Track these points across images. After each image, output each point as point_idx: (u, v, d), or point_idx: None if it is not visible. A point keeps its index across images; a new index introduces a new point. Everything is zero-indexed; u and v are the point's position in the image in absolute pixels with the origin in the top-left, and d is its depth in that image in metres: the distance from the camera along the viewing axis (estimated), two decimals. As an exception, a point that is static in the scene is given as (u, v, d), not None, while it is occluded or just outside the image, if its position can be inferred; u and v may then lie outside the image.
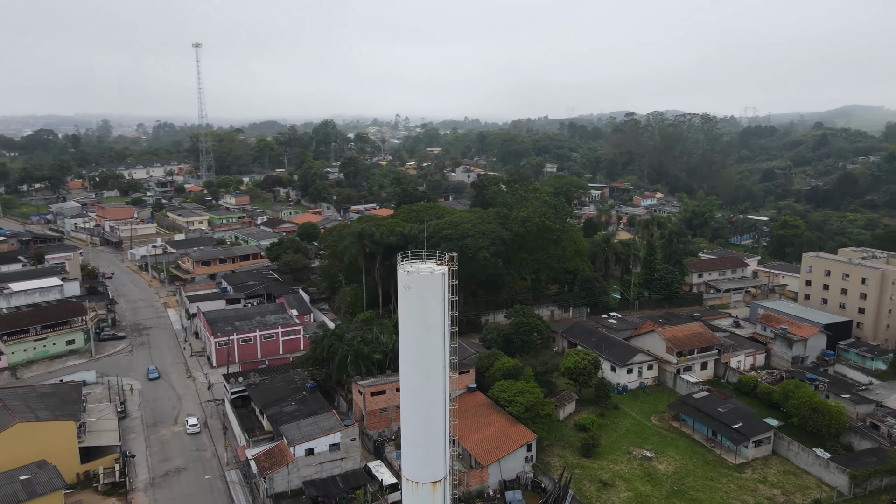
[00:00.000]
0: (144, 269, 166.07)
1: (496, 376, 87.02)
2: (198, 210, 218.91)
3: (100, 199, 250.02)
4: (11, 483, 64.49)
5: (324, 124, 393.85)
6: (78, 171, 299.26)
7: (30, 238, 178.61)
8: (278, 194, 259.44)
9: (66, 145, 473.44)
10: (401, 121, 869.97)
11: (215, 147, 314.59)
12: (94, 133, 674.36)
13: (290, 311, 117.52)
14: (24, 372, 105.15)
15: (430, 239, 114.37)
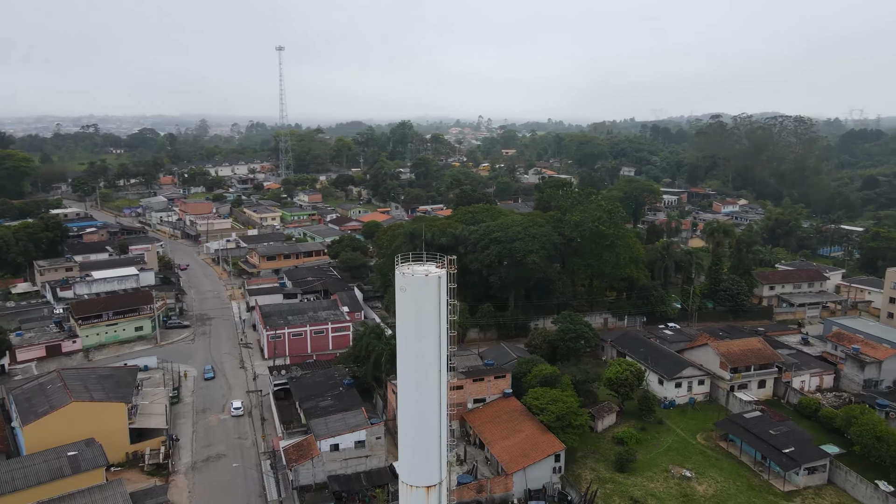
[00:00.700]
0: (217, 263, 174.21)
1: (532, 383, 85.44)
2: (272, 207, 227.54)
3: (186, 195, 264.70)
4: (59, 458, 69.22)
5: (401, 125, 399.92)
6: (170, 167, 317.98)
7: (118, 229, 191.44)
8: (350, 193, 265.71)
9: (164, 143, 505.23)
10: (483, 122, 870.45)
11: (295, 146, 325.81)
12: (192, 132, 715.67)
13: (342, 308, 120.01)
14: (95, 354, 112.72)
15: (479, 241, 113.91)
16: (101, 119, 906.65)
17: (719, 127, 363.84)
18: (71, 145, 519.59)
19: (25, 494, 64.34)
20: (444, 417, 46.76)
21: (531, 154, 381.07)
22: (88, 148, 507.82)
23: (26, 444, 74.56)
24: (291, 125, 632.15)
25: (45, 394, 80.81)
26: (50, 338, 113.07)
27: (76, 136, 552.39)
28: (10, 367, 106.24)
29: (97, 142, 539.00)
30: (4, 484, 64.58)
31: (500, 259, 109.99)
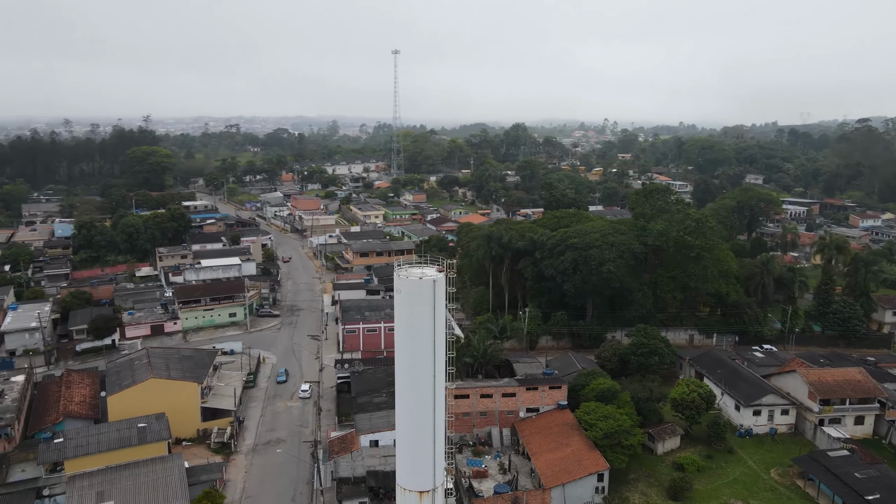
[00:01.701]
0: (317, 257, 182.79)
1: (589, 396, 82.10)
2: (377, 205, 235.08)
3: (301, 192, 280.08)
4: (130, 428, 75.84)
5: (514, 127, 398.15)
6: (292, 165, 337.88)
7: (234, 222, 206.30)
8: (456, 194, 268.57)
9: (294, 142, 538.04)
10: (608, 125, 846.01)
11: (409, 147, 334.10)
12: (323, 132, 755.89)
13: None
14: (192, 336, 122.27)
15: (555, 247, 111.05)
16: (249, 119, 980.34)
17: (867, 132, 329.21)
18: (215, 143, 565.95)
19: (96, 458, 71.10)
20: (440, 424, 46.25)
21: (649, 159, 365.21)
22: (230, 146, 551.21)
23: (110, 412, 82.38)
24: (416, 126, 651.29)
25: (132, 369, 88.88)
26: (155, 318, 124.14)
27: (220, 135, 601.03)
28: (119, 342, 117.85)
29: (238, 140, 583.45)
30: (79, 447, 71.82)
31: (576, 266, 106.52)
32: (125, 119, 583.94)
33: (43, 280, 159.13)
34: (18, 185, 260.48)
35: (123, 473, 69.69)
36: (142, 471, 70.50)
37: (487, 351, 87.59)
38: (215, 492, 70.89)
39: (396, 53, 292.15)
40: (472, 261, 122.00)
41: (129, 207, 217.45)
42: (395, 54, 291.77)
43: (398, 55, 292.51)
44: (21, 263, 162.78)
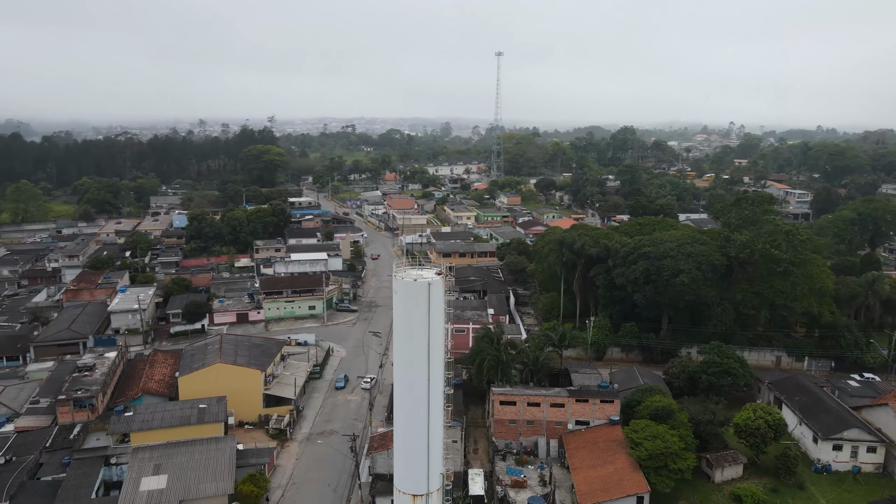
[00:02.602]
0: (406, 256, 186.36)
1: (642, 413, 77.92)
2: (471, 206, 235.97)
3: (401, 191, 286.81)
4: (192, 408, 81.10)
5: (622, 130, 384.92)
6: (395, 165, 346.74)
7: (330, 219, 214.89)
8: (552, 197, 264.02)
9: (403, 143, 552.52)
10: (734, 129, 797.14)
11: (511, 149, 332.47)
12: (436, 133, 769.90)
13: (488, 310, 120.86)
14: (273, 325, 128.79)
15: (628, 255, 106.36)
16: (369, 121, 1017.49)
17: None
18: (332, 143, 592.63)
19: (158, 433, 76.76)
20: (436, 429, 45.68)
21: (769, 165, 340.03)
22: (345, 145, 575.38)
23: (180, 391, 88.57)
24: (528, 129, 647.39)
25: (205, 353, 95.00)
26: (241, 307, 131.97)
27: (337, 135, 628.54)
28: (208, 327, 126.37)
29: (352, 140, 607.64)
30: (144, 422, 77.85)
31: (647, 276, 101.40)
32: (252, 120, 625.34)
33: (157, 266, 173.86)
34: (150, 179, 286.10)
35: (180, 449, 74.68)
36: (196, 448, 75.22)
37: (539, 359, 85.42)
38: (259, 475, 74.32)
39: (500, 55, 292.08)
40: (544, 266, 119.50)
41: (240, 202, 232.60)
42: (498, 56, 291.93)
43: (501, 56, 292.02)
44: (139, 250, 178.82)
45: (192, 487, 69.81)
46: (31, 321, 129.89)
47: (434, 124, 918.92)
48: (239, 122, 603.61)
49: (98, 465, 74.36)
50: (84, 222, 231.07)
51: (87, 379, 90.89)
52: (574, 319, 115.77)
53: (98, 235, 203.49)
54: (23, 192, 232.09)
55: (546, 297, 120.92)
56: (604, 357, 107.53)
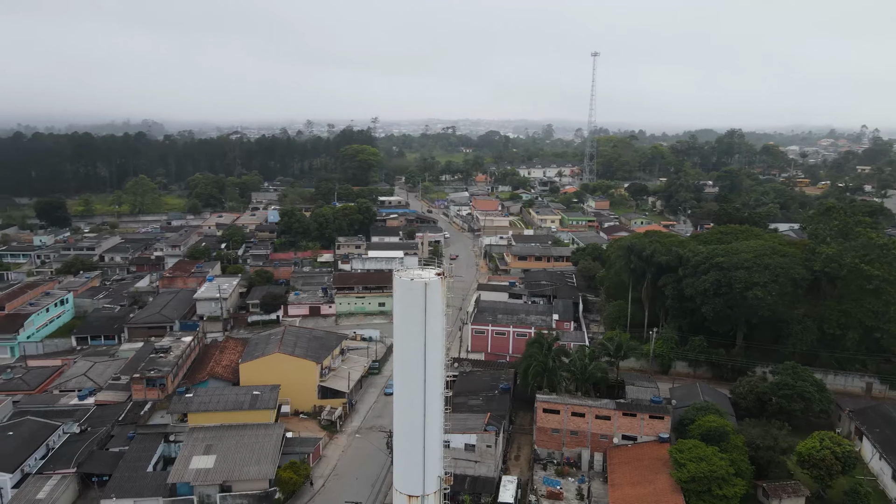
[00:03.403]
0: (485, 257, 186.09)
1: (693, 433, 73.48)
2: (556, 210, 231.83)
3: (490, 193, 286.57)
4: (246, 394, 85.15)
5: (728, 134, 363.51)
6: (487, 167, 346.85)
7: (414, 218, 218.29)
8: (645, 203, 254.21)
9: (501, 145, 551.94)
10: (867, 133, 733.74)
11: (607, 152, 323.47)
12: (537, 135, 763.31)
13: (553, 316, 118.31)
14: (343, 320, 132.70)
15: (699, 265, 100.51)
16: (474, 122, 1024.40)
17: None
18: (432, 144, 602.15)
19: (213, 416, 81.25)
20: (433, 431, 45.28)
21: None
22: (444, 146, 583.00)
23: (241, 377, 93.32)
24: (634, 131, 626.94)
25: (267, 342, 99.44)
26: (315, 300, 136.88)
27: (437, 137, 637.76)
28: (283, 318, 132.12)
29: (452, 141, 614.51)
30: (201, 404, 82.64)
31: (718, 288, 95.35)
32: (357, 120, 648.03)
33: (249, 258, 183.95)
34: (253, 176, 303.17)
35: (231, 432, 78.65)
36: (246, 433, 78.92)
37: (587, 368, 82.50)
38: (301, 464, 76.81)
39: (596, 56, 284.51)
40: (611, 273, 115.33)
41: (332, 199, 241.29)
42: (594, 56, 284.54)
43: (597, 57, 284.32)
44: (233, 243, 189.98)
45: (236, 469, 73.31)
46: (131, 304, 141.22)
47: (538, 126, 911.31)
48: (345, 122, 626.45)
49: (158, 441, 79.75)
50: (192, 215, 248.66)
51: (162, 360, 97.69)
52: (642, 330, 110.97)
53: (201, 228, 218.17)
54: (140, 186, 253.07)
55: (613, 305, 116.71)
56: (669, 371, 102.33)
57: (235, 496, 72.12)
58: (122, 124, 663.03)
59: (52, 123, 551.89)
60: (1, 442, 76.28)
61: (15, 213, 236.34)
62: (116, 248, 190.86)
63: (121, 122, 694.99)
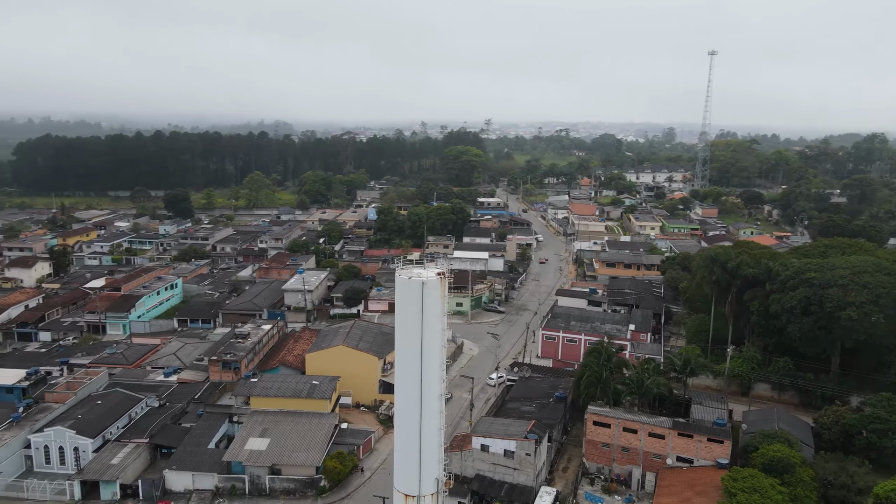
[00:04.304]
0: (576, 263, 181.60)
1: (755, 462, 67.69)
2: (658, 217, 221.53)
3: (592, 197, 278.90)
4: (306, 383, 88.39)
5: (868, 139, 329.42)
6: (593, 170, 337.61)
7: (508, 220, 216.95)
8: (760, 211, 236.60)
9: (620, 147, 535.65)
10: None
11: (723, 156, 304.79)
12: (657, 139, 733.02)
13: (629, 326, 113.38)
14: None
15: (788, 280, 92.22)
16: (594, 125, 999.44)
17: None
18: (543, 146, 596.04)
19: (273, 401, 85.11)
20: (430, 432, 44.84)
21: None
22: (556, 149, 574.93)
23: (307, 367, 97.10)
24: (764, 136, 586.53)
25: (335, 335, 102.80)
26: (394, 297, 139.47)
27: (549, 139, 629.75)
28: (363, 313, 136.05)
29: (564, 144, 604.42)
30: (262, 389, 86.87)
31: (806, 306, 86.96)
32: (469, 122, 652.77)
33: (345, 254, 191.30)
34: (360, 175, 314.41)
35: (287, 418, 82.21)
36: (301, 420, 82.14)
37: (644, 383, 78.04)
38: (347, 454, 78.82)
39: (713, 55, 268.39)
40: (693, 284, 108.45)
41: (431, 199, 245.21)
42: (711, 55, 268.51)
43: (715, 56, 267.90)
44: (331, 238, 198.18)
45: (286, 454, 76.54)
46: (230, 292, 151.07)
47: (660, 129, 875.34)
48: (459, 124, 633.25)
49: (222, 421, 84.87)
50: (300, 210, 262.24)
51: (239, 345, 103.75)
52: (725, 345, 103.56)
53: (305, 223, 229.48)
54: (255, 182, 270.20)
55: (694, 318, 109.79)
56: (750, 393, 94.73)
57: (283, 479, 75.28)
58: (257, 124, 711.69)
59: (197, 124, 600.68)
60: (89, 410, 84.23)
61: (148, 205, 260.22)
62: (227, 239, 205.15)
63: (256, 123, 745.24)
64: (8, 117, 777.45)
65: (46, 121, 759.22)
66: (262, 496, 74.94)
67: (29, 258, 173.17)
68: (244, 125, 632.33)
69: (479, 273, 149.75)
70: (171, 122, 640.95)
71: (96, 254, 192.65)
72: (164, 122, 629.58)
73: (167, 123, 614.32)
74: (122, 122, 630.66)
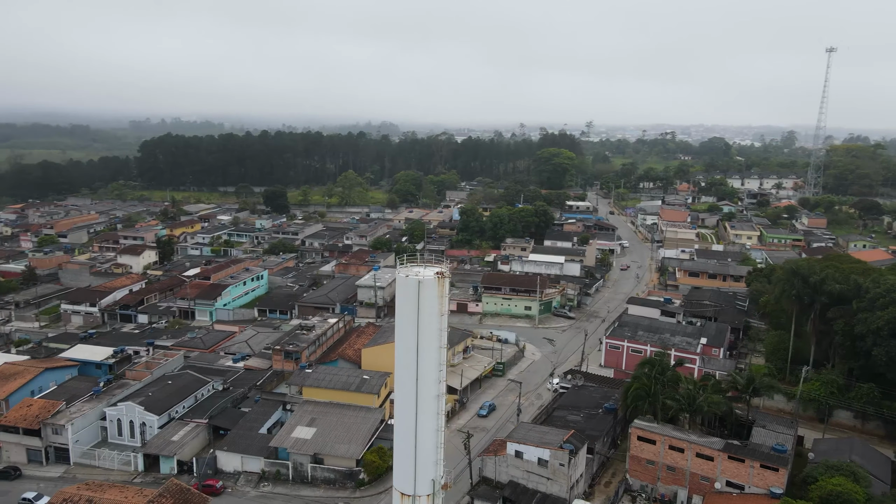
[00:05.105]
0: (659, 271, 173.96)
1: (811, 495, 62.02)
2: (758, 226, 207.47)
3: (688, 203, 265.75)
4: (357, 377, 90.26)
5: None
6: (694, 175, 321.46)
7: (592, 224, 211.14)
8: (878, 223, 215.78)
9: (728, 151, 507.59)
10: None
11: (842, 162, 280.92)
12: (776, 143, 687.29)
13: (701, 339, 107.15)
14: (487, 320, 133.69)
15: (878, 298, 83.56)
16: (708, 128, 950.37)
17: None
18: (646, 150, 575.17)
19: (324, 392, 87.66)
20: (426, 432, 44.51)
21: None
22: (660, 153, 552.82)
23: (362, 361, 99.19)
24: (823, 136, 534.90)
25: (392, 331, 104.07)
26: (463, 297, 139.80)
27: (652, 142, 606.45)
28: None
29: (669, 147, 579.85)
30: (314, 380, 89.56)
31: (894, 328, 78.51)
32: (570, 125, 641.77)
33: (425, 253, 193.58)
34: (451, 175, 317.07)
35: (334, 410, 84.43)
36: (347, 412, 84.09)
37: (696, 400, 73.20)
38: (387, 450, 79.47)
39: (831, 51, 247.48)
40: (772, 299, 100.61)
41: (518, 201, 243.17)
42: (829, 52, 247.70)
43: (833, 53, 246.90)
44: (414, 237, 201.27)
45: (329, 444, 78.66)
46: (310, 285, 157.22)
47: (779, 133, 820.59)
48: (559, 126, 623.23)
49: (276, 408, 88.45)
50: (389, 209, 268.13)
51: (303, 336, 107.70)
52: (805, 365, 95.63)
53: (391, 221, 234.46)
54: (348, 181, 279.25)
55: (773, 334, 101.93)
56: (828, 420, 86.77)
57: (324, 469, 77.44)
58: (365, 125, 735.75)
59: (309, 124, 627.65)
60: (160, 389, 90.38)
61: (249, 200, 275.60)
62: (316, 235, 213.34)
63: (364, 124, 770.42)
64: (144, 117, 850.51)
65: (176, 121, 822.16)
66: (304, 483, 77.46)
67: (138, 246, 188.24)
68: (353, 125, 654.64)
69: (552, 277, 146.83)
70: (285, 123, 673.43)
71: (198, 244, 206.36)
72: (280, 123, 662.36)
73: (282, 124, 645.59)
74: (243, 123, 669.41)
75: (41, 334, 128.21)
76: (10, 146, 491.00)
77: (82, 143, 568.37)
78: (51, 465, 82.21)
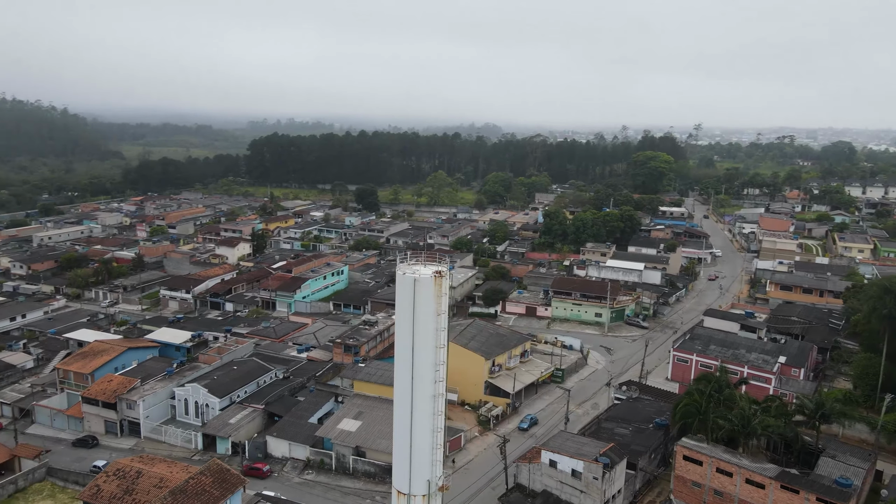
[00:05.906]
0: (750, 283, 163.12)
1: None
2: (872, 238, 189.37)
3: (797, 211, 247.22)
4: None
5: None
6: (807, 182, 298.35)
7: (682, 231, 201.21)
8: None
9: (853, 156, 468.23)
10: None
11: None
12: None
13: (780, 358, 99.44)
14: (555, 325, 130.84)
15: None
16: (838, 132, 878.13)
17: None
18: (760, 154, 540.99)
19: (373, 387, 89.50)
20: (422, 432, 44.17)
21: None
22: (776, 157, 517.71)
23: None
24: None
25: (451, 332, 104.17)
26: (532, 301, 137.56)
27: (767, 146, 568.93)
28: (500, 313, 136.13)
29: (787, 152, 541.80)
30: (364, 375, 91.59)
31: None
32: (677, 127, 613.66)
33: (506, 255, 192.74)
34: (542, 177, 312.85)
35: (381, 405, 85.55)
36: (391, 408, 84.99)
37: (751, 422, 67.65)
38: (428, 448, 79.81)
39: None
40: (861, 318, 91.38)
41: (606, 205, 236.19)
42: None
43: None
44: (496, 238, 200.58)
45: (370, 439, 79.99)
46: (387, 282, 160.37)
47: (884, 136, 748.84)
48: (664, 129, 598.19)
49: (327, 399, 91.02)
50: (477, 210, 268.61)
51: (365, 331, 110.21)
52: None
53: (476, 222, 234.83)
54: (437, 181, 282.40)
55: (861, 357, 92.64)
56: None
57: (365, 462, 78.81)
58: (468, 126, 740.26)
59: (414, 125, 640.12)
60: (226, 373, 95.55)
61: (342, 197, 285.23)
62: (401, 233, 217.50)
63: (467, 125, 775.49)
64: (262, 118, 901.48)
65: (290, 121, 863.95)
66: (345, 474, 79.22)
67: (234, 239, 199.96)
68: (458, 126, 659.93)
69: (628, 285, 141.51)
70: (391, 124, 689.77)
71: (290, 239, 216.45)
72: (386, 124, 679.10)
73: (388, 125, 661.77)
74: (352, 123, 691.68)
75: (140, 316, 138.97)
76: (142, 144, 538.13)
77: (205, 141, 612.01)
78: (124, 437, 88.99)
